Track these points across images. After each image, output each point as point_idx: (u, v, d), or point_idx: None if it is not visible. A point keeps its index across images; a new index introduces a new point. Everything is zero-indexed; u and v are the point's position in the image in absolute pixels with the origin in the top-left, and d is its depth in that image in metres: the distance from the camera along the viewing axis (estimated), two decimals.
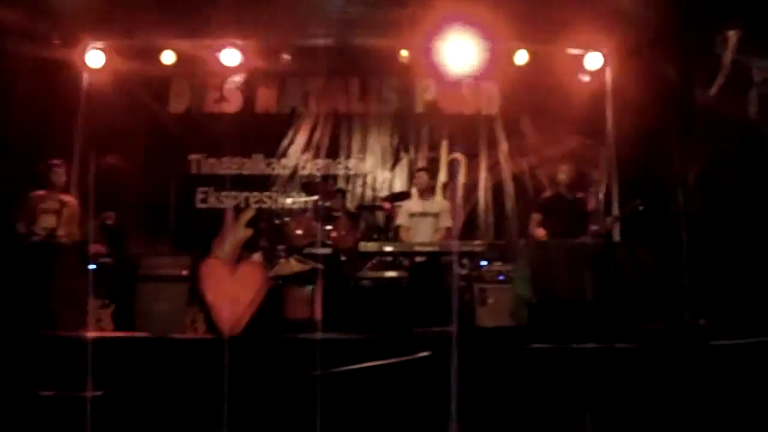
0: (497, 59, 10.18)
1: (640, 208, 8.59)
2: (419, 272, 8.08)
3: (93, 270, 8.02)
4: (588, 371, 5.78)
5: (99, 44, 10.00)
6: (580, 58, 10.34)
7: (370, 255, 8.33)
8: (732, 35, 8.08)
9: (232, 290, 6.59)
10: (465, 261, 8.90)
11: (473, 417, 5.60)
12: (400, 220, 9.00)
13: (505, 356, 5.78)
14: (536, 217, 8.56)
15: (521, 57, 10.19)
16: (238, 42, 10.01)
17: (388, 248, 8.21)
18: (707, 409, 5.75)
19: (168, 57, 10.07)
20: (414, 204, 9.05)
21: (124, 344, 6.11)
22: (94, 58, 9.94)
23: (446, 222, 8.93)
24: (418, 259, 8.20)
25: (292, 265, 7.89)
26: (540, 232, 8.40)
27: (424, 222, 8.85)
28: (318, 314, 7.19)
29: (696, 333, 6.51)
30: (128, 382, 5.53)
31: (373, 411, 5.52)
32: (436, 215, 8.87)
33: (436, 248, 8.20)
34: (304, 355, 5.66)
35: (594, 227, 8.37)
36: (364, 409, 5.50)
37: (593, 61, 10.31)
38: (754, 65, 8.07)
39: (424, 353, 5.64)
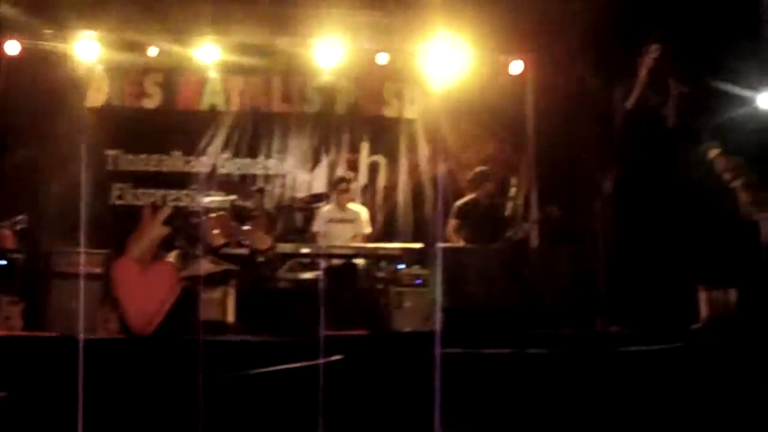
0: (420, 63, 10.33)
1: (556, 213, 8.82)
2: (336, 275, 8.15)
3: (3, 266, 7.92)
4: (500, 376, 5.97)
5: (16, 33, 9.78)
6: (503, 63, 10.51)
7: (287, 256, 8.35)
8: (653, 49, 8.33)
9: (143, 290, 6.60)
10: (383, 264, 9.03)
11: (387, 421, 5.70)
12: (317, 226, 9.05)
13: (418, 361, 5.90)
14: (453, 223, 8.76)
15: (443, 61, 10.13)
16: (159, 36, 9.89)
17: (305, 250, 8.25)
18: (617, 415, 5.98)
19: (87, 49, 9.86)
20: (331, 210, 9.11)
21: (31, 344, 6.08)
22: (11, 47, 9.75)
23: (364, 228, 9.06)
24: (336, 261, 8.28)
25: (206, 266, 7.87)
26: (456, 238, 8.61)
27: (342, 228, 8.95)
28: (231, 316, 7.19)
29: (607, 340, 6.74)
30: (35, 382, 5.51)
31: (284, 414, 5.59)
32: (353, 221, 8.99)
33: (352, 251, 8.30)
34: (217, 356, 5.71)
35: (510, 233, 8.56)
36: (275, 413, 5.57)
37: (515, 66, 10.50)
38: (672, 78, 8.36)
39: (337, 357, 5.73)
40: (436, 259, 7.55)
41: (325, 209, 9.16)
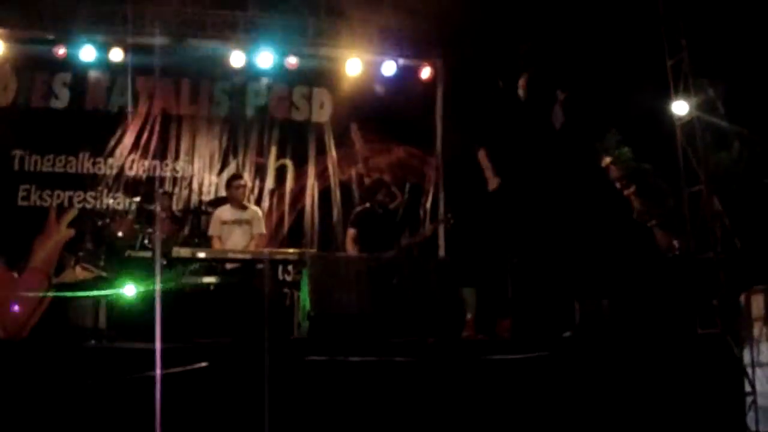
0: (330, 67, 10.79)
1: (451, 221, 9.19)
2: (235, 279, 8.40)
3: None
4: (364, 384, 6.21)
5: None
6: (412, 68, 10.89)
7: (183, 261, 8.55)
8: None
9: (14, 296, 6.89)
10: (289, 268, 9.32)
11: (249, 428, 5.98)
12: (212, 230, 9.18)
13: (284, 368, 6.10)
14: (351, 232, 8.98)
15: (354, 66, 10.64)
16: (68, 36, 10.10)
17: (202, 255, 8.41)
18: (481, 422, 6.32)
19: None
20: (226, 212, 9.23)
21: None
22: None
23: (260, 228, 9.22)
24: (231, 265, 8.52)
25: (77, 273, 8.08)
26: (354, 247, 8.84)
27: (239, 229, 9.09)
28: (103, 323, 7.39)
29: (472, 347, 6.99)
30: None
31: (150, 420, 5.85)
32: (249, 222, 9.14)
33: (248, 256, 8.44)
34: (86, 363, 5.99)
35: (405, 240, 8.90)
36: (140, 419, 5.81)
37: (424, 72, 10.89)
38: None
39: (202, 364, 6.01)
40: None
41: (220, 211, 9.29)
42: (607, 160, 8.96)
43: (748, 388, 7.30)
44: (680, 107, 8.49)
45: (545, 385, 6.55)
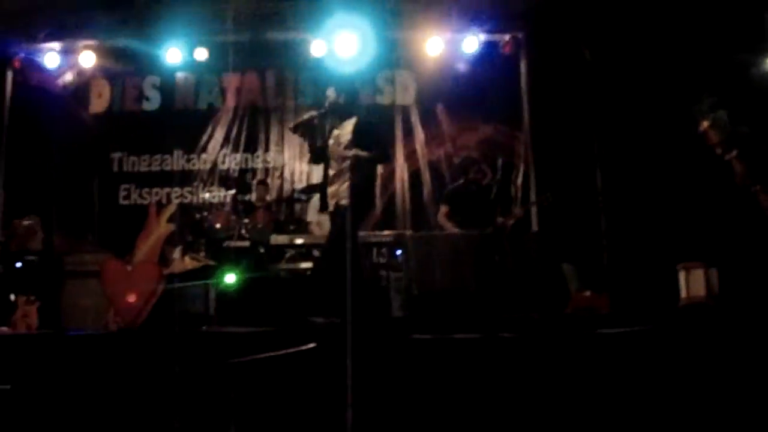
0: (412, 48, 11.13)
1: (549, 200, 9.46)
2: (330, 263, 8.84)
3: (19, 267, 8.86)
4: (469, 361, 6.26)
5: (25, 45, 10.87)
6: (494, 43, 11.15)
7: (281, 248, 9.13)
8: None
9: (129, 287, 7.54)
10: (383, 250, 9.75)
11: (361, 407, 6.31)
12: (310, 216, 9.72)
13: (388, 347, 6.30)
14: (443, 208, 9.19)
15: (435, 45, 10.90)
16: (153, 40, 10.77)
17: (299, 241, 8.99)
18: (592, 398, 6.17)
19: (87, 58, 10.93)
20: None
21: (31, 341, 6.91)
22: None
23: None
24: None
25: (186, 263, 8.70)
26: (448, 224, 9.05)
27: None
28: (213, 309, 7.94)
29: (580, 322, 7.06)
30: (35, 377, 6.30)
31: (265, 402, 6.27)
32: None
33: None
34: (200, 348, 6.46)
35: (500, 218, 9.20)
36: (257, 400, 6.20)
37: (506, 46, 11.14)
38: None
39: (310, 345, 6.40)
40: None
41: (317, 199, 9.54)
42: (705, 124, 8.93)
43: None
44: None
45: (648, 360, 6.33)
